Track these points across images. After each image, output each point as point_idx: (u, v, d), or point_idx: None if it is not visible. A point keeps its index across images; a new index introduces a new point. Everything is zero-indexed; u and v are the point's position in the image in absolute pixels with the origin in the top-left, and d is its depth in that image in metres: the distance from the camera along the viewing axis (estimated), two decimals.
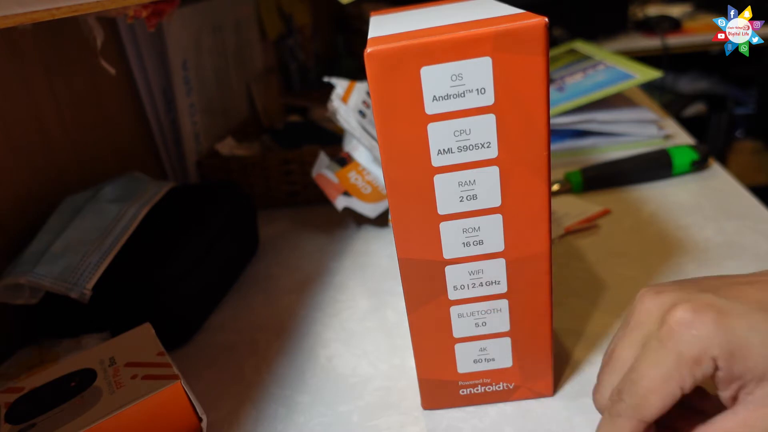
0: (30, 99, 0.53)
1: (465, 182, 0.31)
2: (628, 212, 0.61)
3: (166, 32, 0.69)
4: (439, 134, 0.30)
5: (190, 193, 0.59)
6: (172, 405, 0.34)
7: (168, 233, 0.51)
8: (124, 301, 0.47)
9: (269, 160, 0.72)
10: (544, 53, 0.28)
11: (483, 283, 0.34)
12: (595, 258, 0.53)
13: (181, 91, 0.74)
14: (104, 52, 0.58)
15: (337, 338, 0.48)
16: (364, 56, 0.28)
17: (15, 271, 0.45)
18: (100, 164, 0.62)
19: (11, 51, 0.51)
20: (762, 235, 0.53)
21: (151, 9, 0.51)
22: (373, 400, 0.41)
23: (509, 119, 0.29)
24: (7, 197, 0.50)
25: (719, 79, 1.78)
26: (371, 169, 0.63)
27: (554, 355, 0.37)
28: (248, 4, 0.96)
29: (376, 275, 0.56)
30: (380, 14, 0.43)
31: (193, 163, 0.76)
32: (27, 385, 0.36)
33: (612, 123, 0.76)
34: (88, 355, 0.38)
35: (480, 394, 0.38)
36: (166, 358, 0.36)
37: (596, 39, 1.48)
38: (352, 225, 0.67)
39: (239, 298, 0.56)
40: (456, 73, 0.28)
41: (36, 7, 0.28)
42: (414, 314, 0.35)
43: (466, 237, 0.32)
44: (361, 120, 0.62)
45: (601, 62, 0.84)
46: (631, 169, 0.66)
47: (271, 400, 0.42)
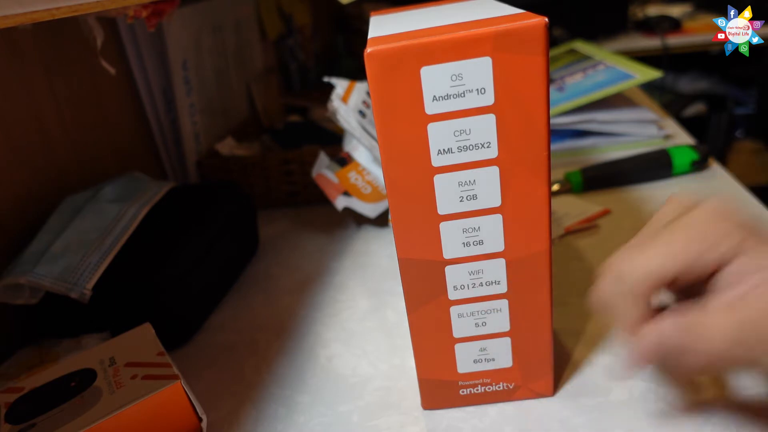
0: (30, 99, 0.53)
1: (465, 182, 0.31)
2: (628, 212, 0.61)
3: (166, 32, 0.69)
4: (439, 134, 0.30)
5: (190, 193, 0.59)
6: (172, 405, 0.34)
7: (168, 233, 0.51)
8: (124, 301, 0.47)
9: (269, 160, 0.72)
10: (544, 53, 0.28)
11: (483, 283, 0.34)
12: (595, 258, 0.53)
13: (181, 91, 0.74)
14: (104, 52, 0.58)
15: (337, 338, 0.48)
16: (364, 56, 0.28)
17: (15, 271, 0.45)
18: (100, 164, 0.62)
19: (11, 51, 0.51)
20: None
21: (151, 9, 0.51)
22: (373, 400, 0.41)
23: (509, 119, 0.29)
24: (7, 197, 0.50)
25: (719, 79, 1.78)
26: (371, 169, 0.63)
27: (554, 355, 0.37)
28: (248, 4, 0.97)
29: (376, 275, 0.56)
30: (380, 14, 0.43)
31: (193, 163, 0.76)
32: (27, 385, 0.36)
33: (612, 123, 0.76)
34: (88, 355, 0.38)
35: (480, 394, 0.38)
36: (166, 358, 0.36)
37: (596, 39, 1.47)
38: (352, 225, 0.67)
39: (239, 298, 0.56)
40: (456, 73, 0.28)
41: (36, 7, 0.28)
42: (414, 314, 0.35)
43: (466, 237, 0.32)
44: (361, 120, 0.62)
45: (601, 62, 0.84)
46: (631, 169, 0.66)
47: (271, 400, 0.42)
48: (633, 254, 0.30)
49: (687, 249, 0.28)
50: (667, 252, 0.29)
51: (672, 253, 0.28)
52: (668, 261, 0.28)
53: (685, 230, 0.29)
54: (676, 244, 0.29)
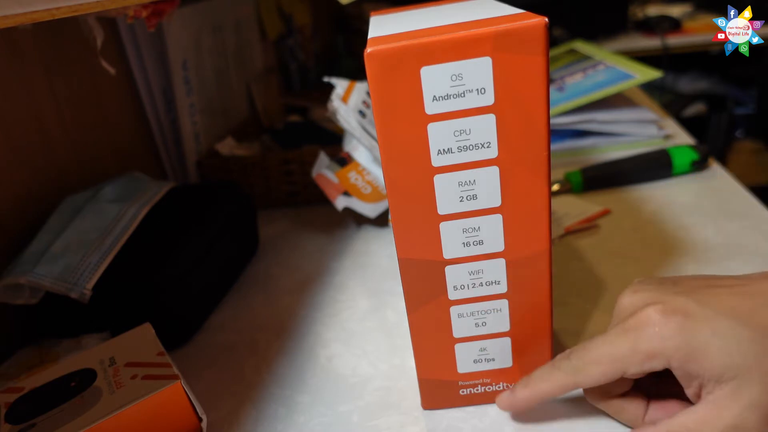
0: (30, 99, 0.53)
1: (465, 182, 0.31)
2: (628, 212, 0.61)
3: (166, 32, 0.69)
4: (439, 134, 0.30)
5: (190, 193, 0.59)
6: (172, 405, 0.34)
7: (168, 233, 0.51)
8: (124, 301, 0.47)
9: (269, 160, 0.72)
10: (544, 53, 0.28)
11: (483, 283, 0.34)
12: (595, 258, 0.53)
13: (181, 91, 0.74)
14: (104, 52, 0.58)
15: (337, 338, 0.48)
16: (364, 56, 0.28)
17: (15, 271, 0.45)
18: (100, 164, 0.62)
19: (11, 51, 0.51)
20: (762, 235, 0.53)
21: (151, 9, 0.51)
22: (373, 400, 0.41)
23: (509, 119, 0.29)
24: (7, 197, 0.50)
25: (719, 79, 1.78)
26: (371, 169, 0.63)
27: (554, 355, 0.37)
28: (248, 4, 0.96)
29: (376, 275, 0.56)
30: (380, 14, 0.43)
31: (193, 163, 0.76)
32: (27, 385, 0.36)
33: (612, 123, 0.76)
34: (88, 355, 0.38)
35: (480, 394, 0.38)
36: (166, 358, 0.36)
37: (596, 39, 1.47)
38: (352, 225, 0.67)
39: (239, 298, 0.56)
40: (456, 73, 0.28)
41: (36, 7, 0.28)
42: (414, 314, 0.35)
43: (466, 237, 0.32)
44: (361, 120, 0.62)
45: (601, 62, 0.84)
46: (631, 169, 0.66)
47: (271, 400, 0.42)
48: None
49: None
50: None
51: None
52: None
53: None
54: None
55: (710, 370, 0.28)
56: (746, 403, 0.27)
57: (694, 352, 0.28)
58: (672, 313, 0.29)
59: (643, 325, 0.29)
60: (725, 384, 0.27)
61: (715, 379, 0.28)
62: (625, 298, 0.32)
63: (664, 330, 0.28)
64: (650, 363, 0.29)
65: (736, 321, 0.28)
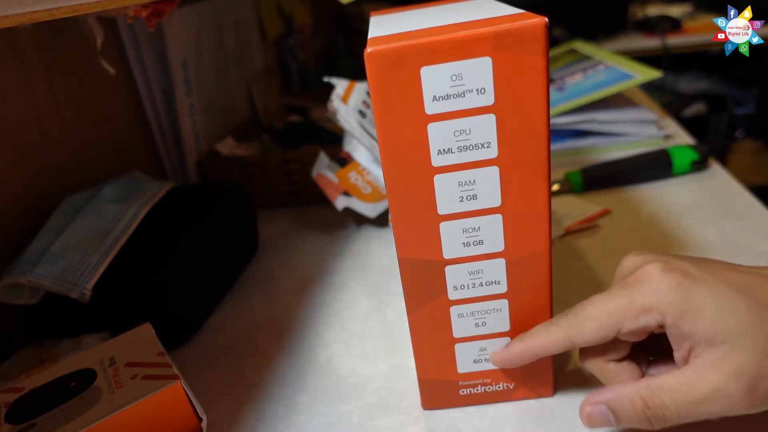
0: (30, 99, 0.53)
1: (465, 182, 0.31)
2: (628, 212, 0.61)
3: (166, 32, 0.69)
4: (439, 134, 0.30)
5: (190, 193, 0.59)
6: (172, 405, 0.34)
7: (168, 233, 0.51)
8: (124, 301, 0.47)
9: (269, 160, 0.72)
10: (544, 53, 0.28)
11: (483, 283, 0.34)
12: (595, 258, 0.53)
13: (181, 91, 0.74)
14: (104, 52, 0.58)
15: (337, 338, 0.48)
16: (364, 56, 0.28)
17: (15, 271, 0.45)
18: (100, 164, 0.62)
19: (11, 51, 0.51)
20: (762, 235, 0.53)
21: (151, 9, 0.51)
22: (373, 400, 0.41)
23: (509, 119, 0.29)
24: (7, 197, 0.50)
25: (719, 79, 1.78)
26: (371, 169, 0.63)
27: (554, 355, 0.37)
28: (248, 4, 0.96)
29: (376, 275, 0.56)
30: (380, 14, 0.43)
31: (193, 163, 0.76)
32: (27, 385, 0.36)
33: (612, 123, 0.76)
34: (88, 355, 0.38)
35: (480, 394, 0.38)
36: (166, 358, 0.36)
37: (596, 39, 1.48)
38: (352, 225, 0.67)
39: (239, 298, 0.56)
40: (456, 73, 0.28)
41: (36, 7, 0.28)
42: (414, 314, 0.35)
43: (466, 237, 0.32)
44: (361, 120, 0.62)
45: (601, 62, 0.84)
46: (631, 169, 0.66)
47: (271, 400, 0.42)
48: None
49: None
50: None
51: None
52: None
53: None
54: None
55: (702, 330, 0.27)
56: (733, 370, 0.26)
57: (689, 311, 0.27)
58: (672, 271, 0.28)
59: (642, 281, 0.29)
60: (715, 348, 0.27)
61: (706, 341, 0.27)
62: (627, 260, 0.32)
63: (662, 284, 0.28)
64: (645, 317, 0.29)
65: (734, 290, 0.28)
